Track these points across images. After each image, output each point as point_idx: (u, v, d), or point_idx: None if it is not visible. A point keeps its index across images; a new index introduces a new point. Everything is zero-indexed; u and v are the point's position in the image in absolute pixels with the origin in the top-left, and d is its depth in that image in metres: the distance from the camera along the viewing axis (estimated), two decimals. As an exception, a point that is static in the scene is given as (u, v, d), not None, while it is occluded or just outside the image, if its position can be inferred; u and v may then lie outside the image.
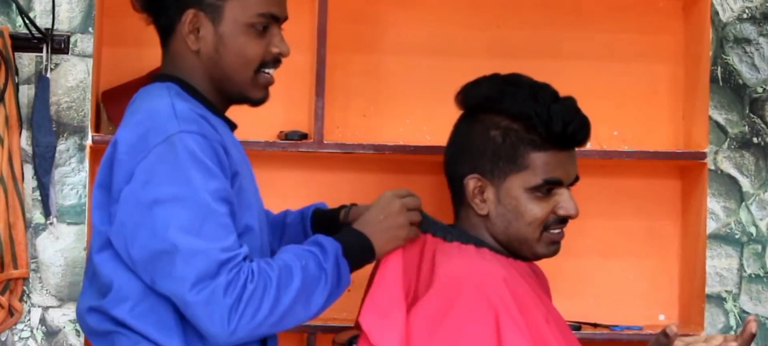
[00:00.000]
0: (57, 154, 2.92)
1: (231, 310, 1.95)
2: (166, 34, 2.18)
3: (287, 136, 2.96)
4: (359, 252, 2.13)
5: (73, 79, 2.93)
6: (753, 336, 1.96)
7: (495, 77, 2.25)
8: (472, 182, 2.21)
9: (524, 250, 2.23)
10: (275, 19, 2.18)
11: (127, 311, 2.05)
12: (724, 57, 3.07)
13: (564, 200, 2.20)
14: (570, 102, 2.21)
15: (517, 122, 2.19)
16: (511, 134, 2.19)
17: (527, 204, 2.19)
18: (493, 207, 2.20)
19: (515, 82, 2.21)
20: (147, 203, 1.98)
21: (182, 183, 1.98)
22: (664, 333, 2.00)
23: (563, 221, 2.22)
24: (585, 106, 2.25)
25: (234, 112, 2.24)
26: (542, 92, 2.20)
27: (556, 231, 2.22)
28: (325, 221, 2.36)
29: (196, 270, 1.95)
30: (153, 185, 1.98)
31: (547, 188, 2.19)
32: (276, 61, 2.19)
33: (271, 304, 1.99)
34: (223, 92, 2.17)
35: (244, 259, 1.99)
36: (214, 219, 1.98)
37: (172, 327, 2.04)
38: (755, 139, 3.08)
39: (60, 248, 2.92)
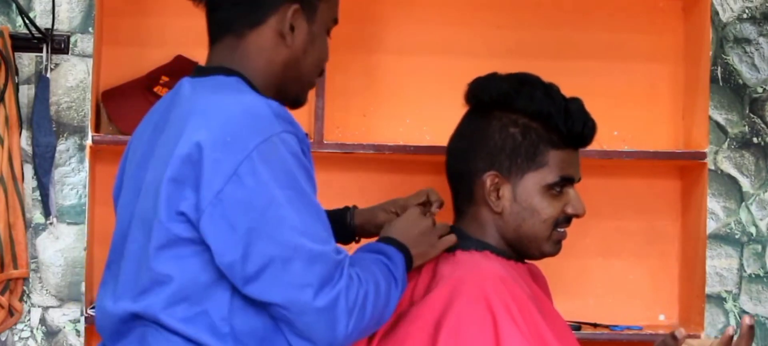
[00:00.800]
0: (57, 154, 2.92)
1: (349, 314, 1.91)
2: (247, 26, 2.06)
3: (287, 136, 2.96)
4: (408, 262, 2.13)
5: (73, 79, 2.93)
6: (751, 329, 1.96)
7: (506, 75, 2.25)
8: (489, 179, 2.20)
9: (532, 248, 2.23)
10: (336, 23, 2.17)
11: (181, 312, 1.95)
12: (724, 57, 3.07)
13: (573, 198, 2.23)
14: (580, 102, 2.24)
15: (535, 121, 2.20)
16: (531, 132, 2.19)
17: (542, 202, 2.20)
18: (508, 205, 2.21)
19: (529, 81, 2.22)
20: (260, 207, 1.88)
21: (291, 185, 1.90)
22: (672, 336, 2.00)
23: (569, 220, 2.24)
24: (585, 106, 2.26)
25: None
26: (554, 92, 2.22)
27: (562, 230, 2.24)
28: (331, 223, 2.33)
29: (318, 275, 1.89)
30: (264, 186, 1.88)
31: (560, 186, 2.21)
32: (322, 72, 2.18)
33: (372, 307, 1.96)
34: (280, 92, 2.09)
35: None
36: (322, 220, 1.94)
37: (226, 335, 1.95)
38: (755, 139, 3.08)
39: (60, 248, 2.92)
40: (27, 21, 2.88)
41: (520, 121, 2.20)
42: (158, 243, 1.95)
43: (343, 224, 2.34)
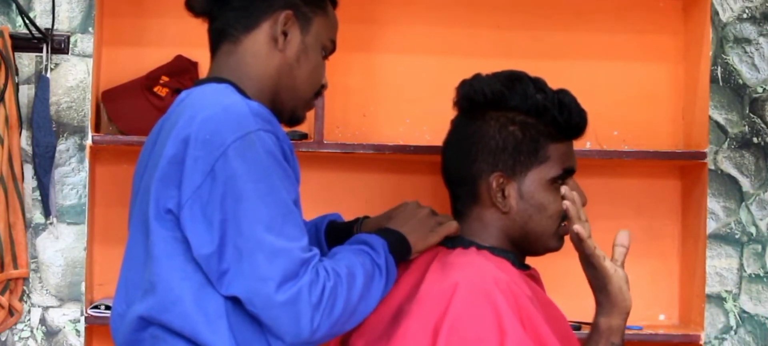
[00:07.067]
0: (57, 154, 2.92)
1: (315, 309, 1.94)
2: (242, 31, 2.13)
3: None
4: (399, 248, 2.15)
5: (73, 79, 2.93)
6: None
7: (493, 75, 2.26)
8: (495, 180, 2.20)
9: (538, 245, 2.24)
10: (333, 51, 2.21)
11: (179, 311, 1.99)
12: (724, 57, 3.07)
13: (575, 188, 2.23)
14: (571, 94, 2.25)
15: (531, 117, 2.20)
16: (530, 129, 2.20)
17: (548, 197, 2.21)
18: (514, 204, 2.21)
19: (518, 78, 2.23)
20: (232, 200, 1.94)
21: (263, 181, 1.95)
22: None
23: None
24: (585, 106, 2.26)
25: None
26: (544, 85, 2.23)
27: (566, 223, 2.24)
28: (339, 234, 2.34)
29: (281, 270, 1.92)
30: (237, 180, 1.94)
31: (563, 179, 2.21)
32: (319, 93, 2.21)
33: (344, 302, 1.98)
34: (275, 103, 2.13)
35: (320, 259, 1.99)
36: (292, 218, 1.97)
37: (224, 333, 1.99)
38: (755, 139, 3.07)
39: (60, 248, 2.92)
40: (27, 21, 2.88)
41: (518, 119, 2.21)
42: (153, 245, 2.01)
43: (348, 234, 2.33)
